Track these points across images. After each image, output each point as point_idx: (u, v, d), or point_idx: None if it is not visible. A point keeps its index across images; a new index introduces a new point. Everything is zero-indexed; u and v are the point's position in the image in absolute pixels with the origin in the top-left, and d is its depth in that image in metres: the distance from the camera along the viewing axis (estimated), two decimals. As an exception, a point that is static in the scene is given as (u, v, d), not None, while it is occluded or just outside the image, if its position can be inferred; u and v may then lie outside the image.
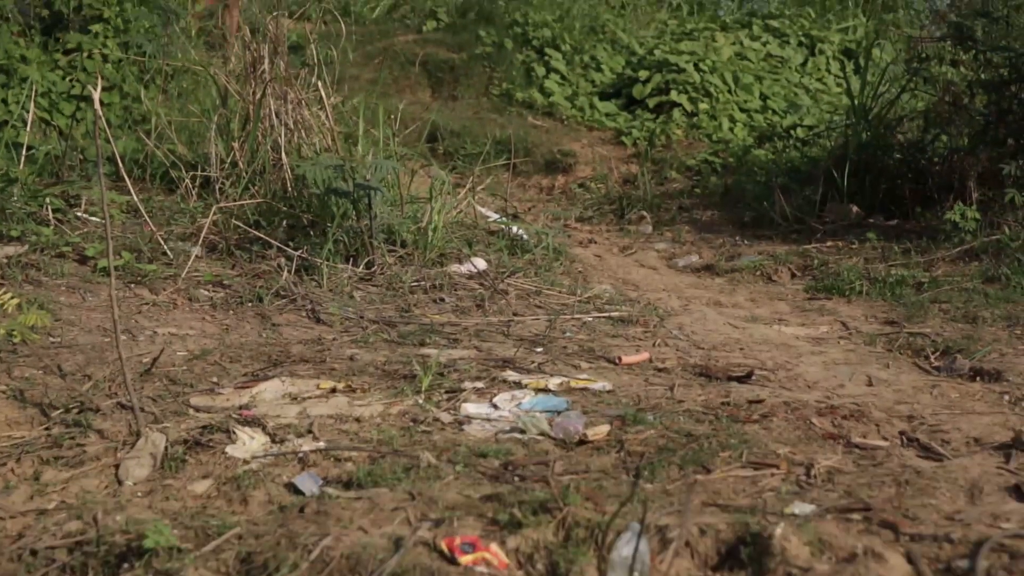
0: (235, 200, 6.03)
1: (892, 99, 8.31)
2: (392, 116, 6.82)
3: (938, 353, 4.74)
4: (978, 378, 4.32)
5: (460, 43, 11.39)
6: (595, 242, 7.43)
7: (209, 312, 4.95)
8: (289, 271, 5.37)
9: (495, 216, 7.01)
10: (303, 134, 6.16)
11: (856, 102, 8.29)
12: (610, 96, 10.90)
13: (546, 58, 11.13)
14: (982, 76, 7.34)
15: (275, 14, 6.42)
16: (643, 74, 10.74)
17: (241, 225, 5.79)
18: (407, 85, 10.82)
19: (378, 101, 7.18)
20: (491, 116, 10.24)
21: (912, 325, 5.24)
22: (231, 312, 4.96)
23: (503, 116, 10.28)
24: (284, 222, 5.89)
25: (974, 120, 7.34)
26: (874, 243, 6.92)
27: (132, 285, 5.13)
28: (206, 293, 5.17)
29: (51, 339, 4.31)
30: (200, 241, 5.65)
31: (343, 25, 8.14)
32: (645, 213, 8.18)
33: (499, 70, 10.98)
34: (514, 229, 6.54)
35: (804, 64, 11.65)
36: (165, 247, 5.49)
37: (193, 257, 5.45)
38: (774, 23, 12.11)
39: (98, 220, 5.80)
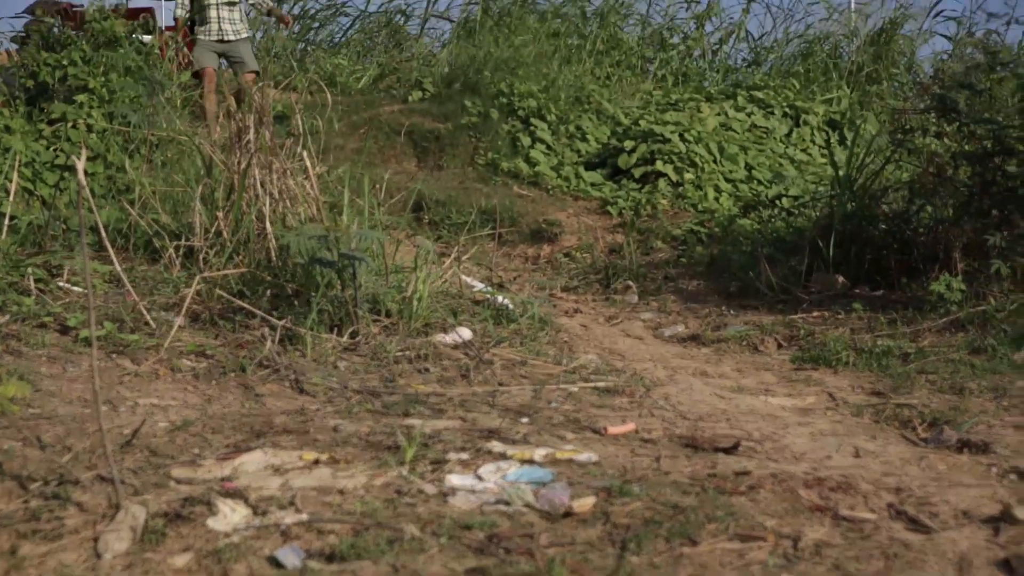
0: (219, 270, 6.01)
1: (877, 170, 8.36)
2: (377, 185, 6.83)
3: (925, 424, 4.72)
4: (966, 450, 4.29)
5: (446, 113, 11.45)
6: (581, 312, 7.42)
7: (191, 382, 4.90)
8: (273, 341, 5.33)
9: (480, 286, 6.99)
10: (288, 204, 6.16)
11: (841, 173, 8.33)
12: (596, 166, 10.96)
13: (532, 128, 11.19)
14: (966, 148, 7.39)
15: (260, 84, 6.44)
16: (628, 144, 10.80)
17: (225, 295, 5.76)
18: (393, 155, 10.86)
19: (364, 171, 7.18)
20: (476, 186, 10.27)
21: (899, 396, 5.22)
22: (213, 382, 4.92)
23: (488, 186, 10.31)
24: (268, 292, 5.87)
25: (958, 191, 7.37)
26: (860, 313, 6.92)
27: (114, 355, 5.09)
28: (188, 363, 5.12)
29: (31, 410, 4.26)
30: (183, 311, 5.62)
31: (329, 95, 8.21)
32: (631, 283, 8.17)
33: (485, 140, 11.03)
34: (499, 299, 6.53)
35: (789, 135, 11.74)
36: (148, 317, 5.45)
37: (176, 327, 5.41)
38: (759, 94, 12.21)
39: (80, 290, 5.76)
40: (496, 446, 3.98)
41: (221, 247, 6.25)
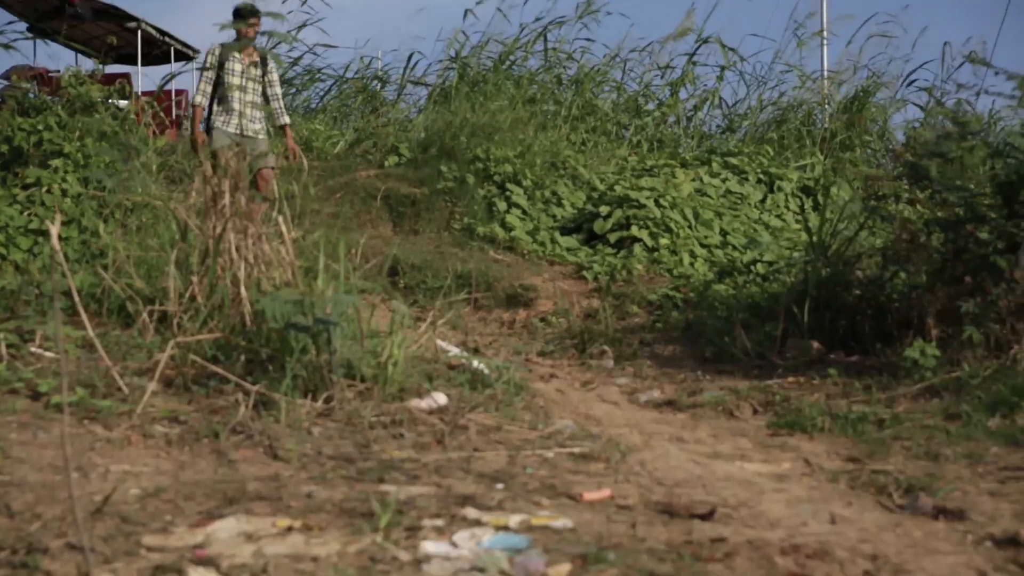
0: (193, 335, 5.97)
1: (850, 236, 8.41)
2: (353, 250, 6.83)
3: (901, 491, 4.71)
4: (942, 517, 4.28)
5: (422, 178, 11.50)
6: (557, 376, 7.40)
7: (164, 448, 4.85)
8: (247, 406, 5.29)
9: (456, 350, 6.98)
10: (263, 268, 6.14)
11: (815, 239, 8.38)
12: (571, 231, 11.00)
13: (507, 193, 11.24)
14: (938, 215, 7.46)
15: (236, 149, 6.44)
16: (604, 209, 10.85)
17: (198, 360, 5.72)
18: (369, 219, 10.88)
19: (339, 235, 7.19)
20: (452, 250, 10.29)
21: (875, 462, 5.21)
22: (186, 448, 4.87)
23: (464, 250, 10.34)
24: (242, 357, 5.83)
25: (931, 258, 7.43)
26: (835, 379, 6.93)
27: (85, 421, 5.04)
28: (161, 429, 5.08)
29: (0, 477, 4.20)
30: (156, 376, 5.58)
31: (304, 160, 8.22)
32: (607, 347, 8.17)
33: (460, 205, 11.07)
34: (475, 363, 6.51)
35: (763, 201, 11.83)
36: (120, 382, 5.41)
37: (149, 392, 5.37)
38: (733, 160, 12.31)
39: (53, 355, 5.72)
40: (471, 512, 3.95)
41: (195, 312, 6.22)
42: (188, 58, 22.15)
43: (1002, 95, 7.68)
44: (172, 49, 21.92)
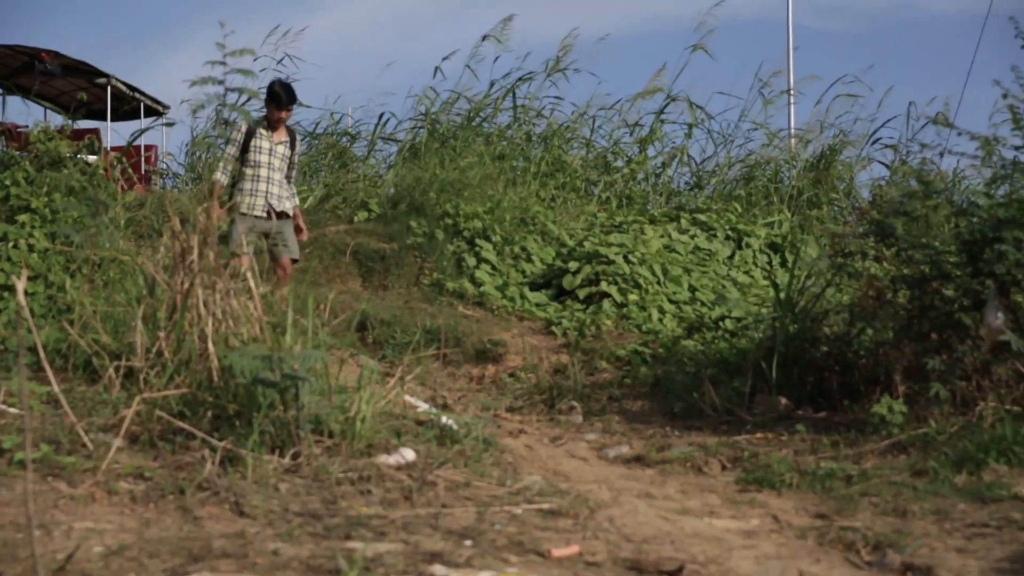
0: (159, 390, 5.93)
1: (818, 293, 8.48)
2: (322, 305, 6.81)
3: (869, 547, 4.72)
4: (909, 573, 4.29)
5: (391, 233, 11.51)
6: (525, 432, 7.39)
7: (129, 505, 4.81)
8: (213, 462, 5.25)
9: (424, 406, 6.96)
10: (231, 324, 6.12)
11: (783, 295, 8.43)
12: (540, 286, 11.02)
13: (477, 249, 11.26)
14: (904, 272, 7.52)
15: (206, 205, 6.44)
16: (573, 265, 10.89)
17: (165, 416, 5.68)
18: (338, 274, 10.88)
19: (308, 290, 7.18)
20: (421, 306, 10.29)
21: (842, 518, 5.22)
22: (151, 505, 4.83)
23: (433, 306, 10.34)
24: (209, 412, 5.79)
25: (898, 315, 7.49)
26: (803, 435, 6.95)
27: (49, 478, 4.99)
28: (126, 486, 5.03)
29: (-39, 534, 4.15)
30: (122, 432, 5.53)
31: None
32: (575, 403, 8.17)
33: (430, 260, 11.09)
34: (443, 419, 6.49)
35: (731, 257, 11.89)
36: (85, 438, 5.36)
37: (114, 449, 5.32)
38: (701, 217, 12.39)
39: (17, 411, 5.67)
40: (439, 569, 3.93)
41: (162, 367, 6.18)
42: (158, 114, 22.18)
43: (965, 155, 7.77)
44: (142, 105, 21.95)
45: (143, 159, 17.11)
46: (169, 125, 11.73)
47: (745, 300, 10.42)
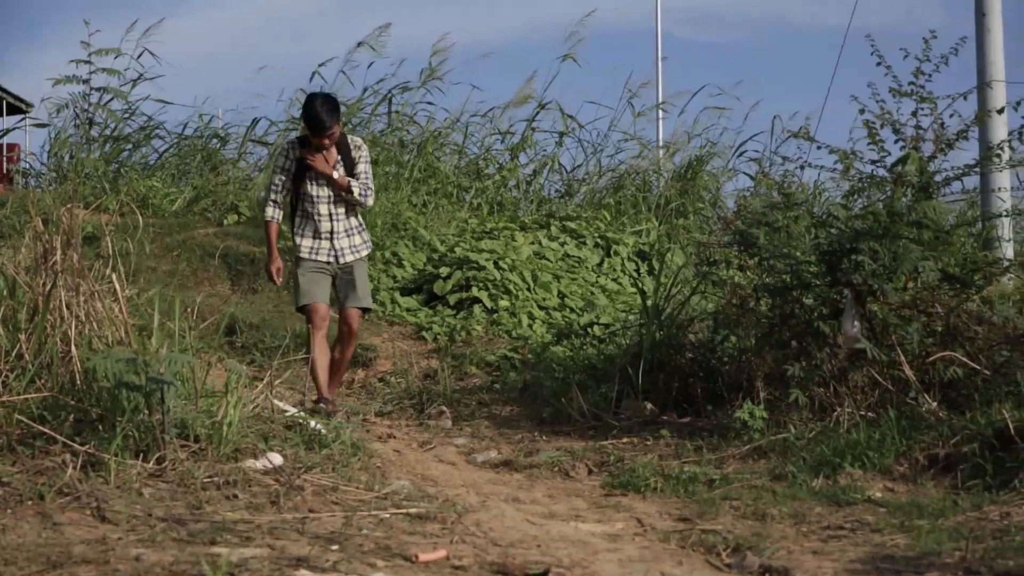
0: (19, 393, 5.80)
1: (683, 300, 8.63)
2: (189, 309, 6.73)
3: (729, 550, 4.83)
4: (767, 575, 4.41)
5: (261, 237, 11.37)
6: (394, 437, 7.40)
7: (-14, 511, 4.70)
8: (74, 467, 5.16)
9: (293, 410, 6.92)
10: (95, 326, 6.01)
11: (649, 302, 8.57)
12: (411, 291, 11.02)
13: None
14: (766, 281, 7.70)
15: (69, 205, 6.31)
16: (444, 271, 10.91)
17: (24, 420, 5.56)
18: (206, 277, 10.74)
19: (175, 293, 7.08)
20: (291, 309, 10.21)
21: (704, 522, 5.33)
22: (9, 511, 4.73)
23: (303, 310, 10.26)
24: (71, 416, 5.68)
25: (760, 323, 7.67)
26: (668, 440, 7.08)
27: (-97, 482, 4.86)
28: (-17, 491, 4.92)
29: None
30: (-21, 437, 5.40)
31: (140, 216, 8.10)
32: (445, 408, 8.20)
33: (300, 264, 10.99)
34: (312, 423, 6.46)
35: (600, 264, 12.02)
36: (-59, 442, 5.23)
37: (-29, 453, 5.20)
38: (571, 224, 12.50)
39: None
40: (304, 574, 3.93)
41: (22, 370, 6.04)
42: (21, 112, 21.64)
43: (825, 168, 7.99)
44: (4, 103, 21.40)
45: (5, 158, 16.67)
46: (41, 126, 11.45)
47: (613, 307, 10.55)
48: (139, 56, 14.24)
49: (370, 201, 7.74)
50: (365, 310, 7.84)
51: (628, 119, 15.93)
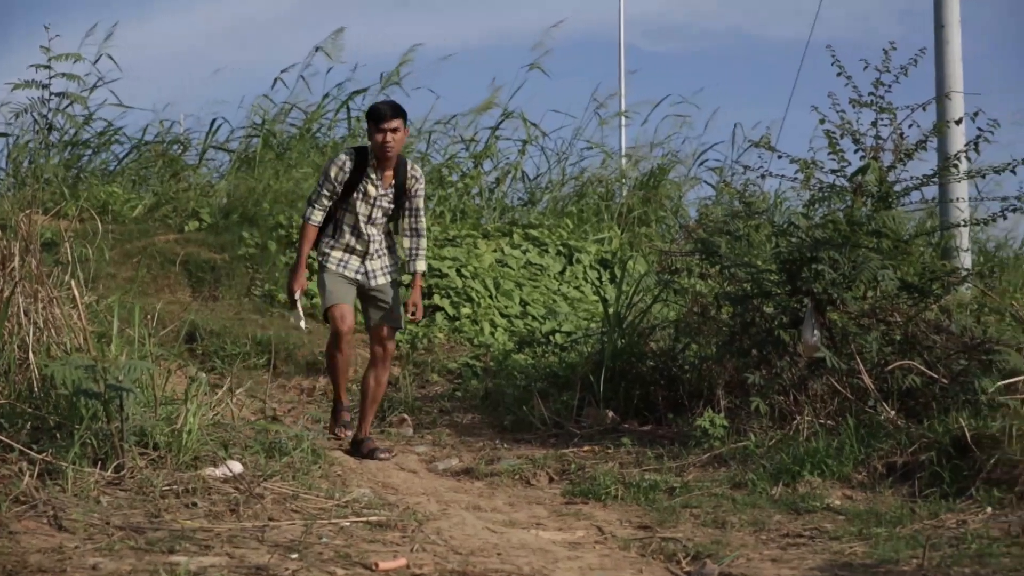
0: (-25, 401, 5.75)
1: (645, 308, 8.65)
2: (149, 315, 6.69)
3: (689, 558, 4.85)
4: (727, 582, 4.43)
5: (222, 243, 11.34)
6: (355, 445, 7.37)
7: (-60, 519, 4.65)
8: (31, 475, 5.11)
9: (254, 417, 6.89)
10: (53, 333, 5.97)
11: (611, 310, 8.59)
12: (373, 299, 10.98)
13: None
14: (727, 289, 7.74)
15: (28, 211, 6.27)
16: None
17: (-19, 427, 5.51)
18: (166, 284, 10.67)
19: (135, 300, 7.04)
20: (252, 316, 10.17)
21: (664, 530, 5.35)
22: (-35, 519, 4.68)
23: (265, 317, 10.23)
24: (28, 424, 5.64)
25: (721, 331, 7.71)
26: (629, 448, 7.10)
27: None
28: (-62, 499, 4.87)
29: None
30: (-65, 443, 5.35)
31: (100, 223, 8.04)
32: (406, 416, 8.19)
33: (262, 271, 10.95)
34: (273, 431, 6.44)
35: (562, 272, 12.02)
36: None
37: (-74, 461, 5.15)
38: (534, 232, 12.51)
39: None
40: (264, 583, 3.91)
41: (-21, 378, 5.99)
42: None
43: (786, 177, 8.04)
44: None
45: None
46: (1, 135, 11.35)
47: (575, 315, 10.56)
48: (97, 61, 14.13)
49: (423, 263, 7.34)
50: (397, 330, 7.29)
51: (593, 128, 15.93)
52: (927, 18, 10.85)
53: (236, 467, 5.71)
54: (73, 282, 6.14)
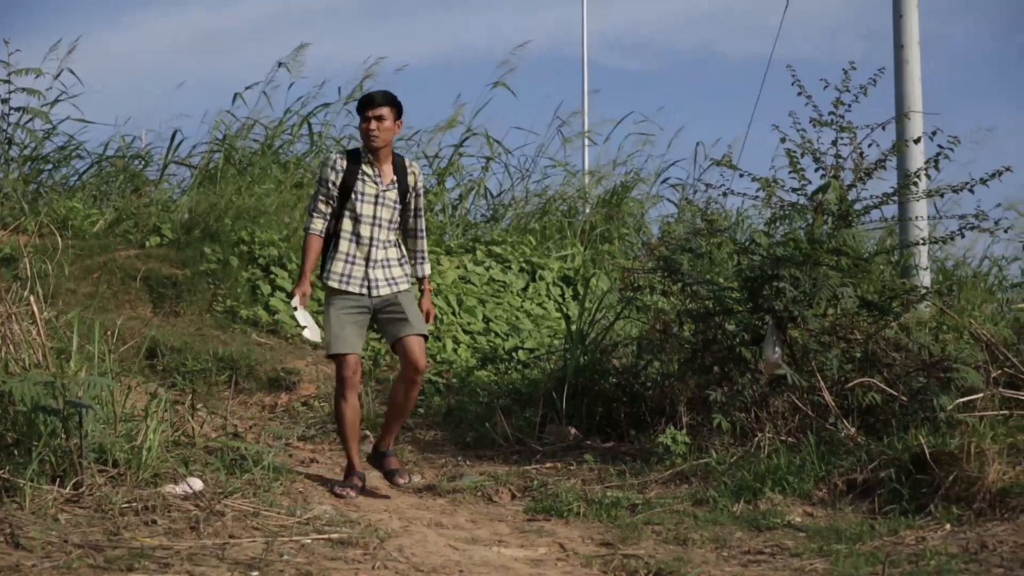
0: (-69, 416, 5.69)
1: (608, 325, 8.67)
2: (109, 331, 6.64)
3: (651, 575, 4.86)
4: (688, 598, 4.44)
5: (184, 259, 11.26)
6: (317, 461, 7.36)
7: None
8: (-11, 493, 5.07)
9: (215, 434, 6.85)
10: (12, 349, 5.92)
11: (574, 327, 8.60)
12: (336, 316, 10.95)
13: (272, 276, 11.12)
14: (689, 306, 7.77)
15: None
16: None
17: (-63, 443, 5.46)
18: (127, 300, 10.59)
19: (95, 316, 7.00)
20: (214, 333, 10.11)
21: (626, 547, 5.36)
22: (-79, 537, 4.64)
23: (226, 333, 10.17)
24: (-15, 441, 5.59)
25: (683, 348, 7.74)
26: (591, 465, 7.11)
27: None
28: None
29: None
30: None
31: (59, 238, 7.99)
32: (368, 432, 8.16)
33: (223, 287, 10.89)
34: (234, 448, 6.41)
35: (525, 289, 12.04)
36: None
37: None
38: (497, 249, 12.52)
39: None
40: (224, 601, 3.89)
41: (-65, 393, 5.93)
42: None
43: (747, 195, 8.09)
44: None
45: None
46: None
47: (538, 331, 10.57)
48: (59, 75, 14.04)
49: (427, 266, 6.98)
50: (424, 337, 6.68)
51: (556, 146, 15.99)
52: (887, 38, 10.94)
53: (196, 484, 5.68)
54: (32, 298, 6.10)
